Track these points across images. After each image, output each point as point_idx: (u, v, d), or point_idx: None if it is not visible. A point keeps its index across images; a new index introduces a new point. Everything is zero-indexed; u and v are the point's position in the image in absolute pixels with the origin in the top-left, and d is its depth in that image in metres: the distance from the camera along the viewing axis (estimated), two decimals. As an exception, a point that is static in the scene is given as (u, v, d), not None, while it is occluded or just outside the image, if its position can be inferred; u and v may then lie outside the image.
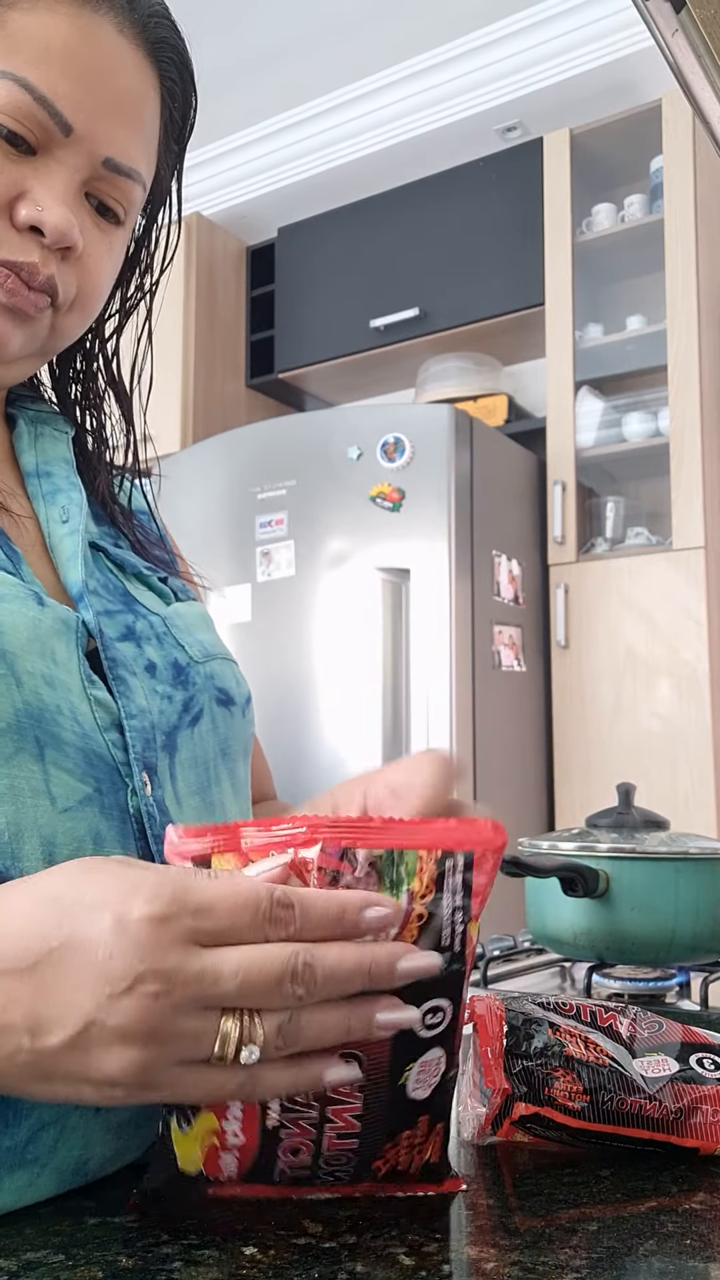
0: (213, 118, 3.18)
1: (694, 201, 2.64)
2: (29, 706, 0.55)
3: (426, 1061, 0.46)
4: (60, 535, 0.66)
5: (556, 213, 2.84)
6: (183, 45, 0.67)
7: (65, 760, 0.56)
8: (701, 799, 2.46)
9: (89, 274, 0.64)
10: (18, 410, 0.72)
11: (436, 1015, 0.45)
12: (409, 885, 0.44)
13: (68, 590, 0.64)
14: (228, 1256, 0.44)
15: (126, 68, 0.62)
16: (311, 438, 2.64)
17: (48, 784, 0.55)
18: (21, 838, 0.53)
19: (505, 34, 2.93)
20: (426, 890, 0.45)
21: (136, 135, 0.64)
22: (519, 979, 1.14)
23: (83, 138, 0.61)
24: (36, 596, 0.59)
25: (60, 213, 0.60)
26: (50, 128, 0.59)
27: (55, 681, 0.57)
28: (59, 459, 0.71)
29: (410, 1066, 0.45)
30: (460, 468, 2.51)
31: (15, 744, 0.54)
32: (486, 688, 2.53)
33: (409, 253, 3.16)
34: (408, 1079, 0.45)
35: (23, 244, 0.60)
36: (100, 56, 0.60)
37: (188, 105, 0.70)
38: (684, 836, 1.05)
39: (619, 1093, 0.56)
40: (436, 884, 0.45)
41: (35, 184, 0.60)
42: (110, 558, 0.71)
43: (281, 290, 3.42)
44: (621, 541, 2.75)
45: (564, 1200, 0.50)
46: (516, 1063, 0.57)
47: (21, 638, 0.56)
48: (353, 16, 2.87)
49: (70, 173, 0.61)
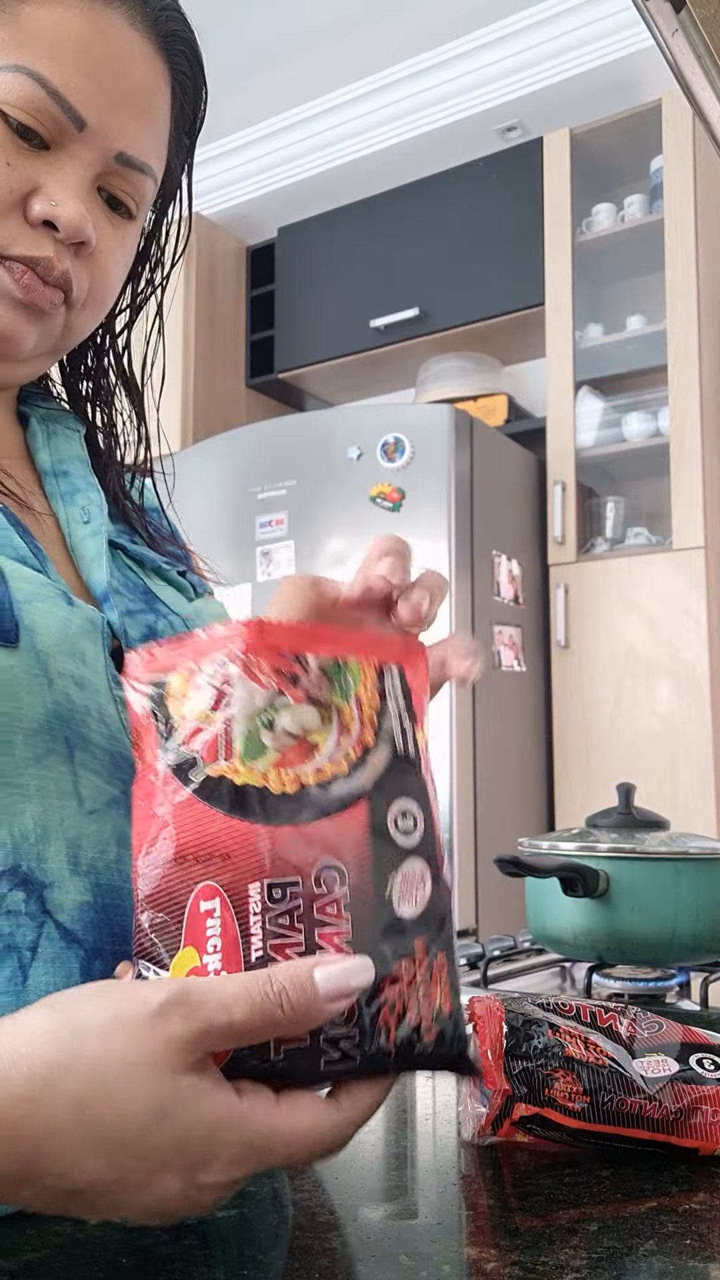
0: (213, 117, 3.16)
1: (694, 201, 2.64)
2: (59, 707, 0.55)
3: (408, 873, 0.44)
4: (82, 536, 0.66)
5: (556, 213, 2.83)
6: (193, 39, 0.67)
7: (94, 762, 0.56)
8: (701, 799, 2.46)
9: (101, 270, 0.64)
10: (29, 408, 0.71)
11: (407, 819, 0.45)
12: (356, 691, 0.45)
13: (91, 590, 0.64)
14: (228, 1256, 0.44)
15: (139, 61, 0.62)
16: (311, 438, 2.64)
17: (76, 785, 0.55)
18: (48, 839, 0.54)
19: (505, 34, 2.93)
20: (372, 696, 0.45)
21: (149, 129, 0.64)
22: (519, 979, 1.14)
23: (96, 132, 0.60)
24: (65, 596, 0.58)
25: (75, 208, 0.60)
26: (63, 122, 0.59)
27: (84, 682, 0.57)
28: (74, 458, 0.70)
29: (392, 876, 0.44)
30: (460, 468, 2.51)
31: (46, 745, 0.54)
32: (486, 688, 2.53)
33: (409, 253, 3.16)
34: (392, 891, 0.43)
35: (37, 239, 0.60)
36: (113, 50, 0.60)
37: (199, 99, 0.70)
38: (684, 836, 1.05)
39: (619, 1093, 0.56)
40: (380, 691, 0.45)
41: (48, 179, 0.60)
42: (129, 554, 0.70)
43: (281, 290, 3.42)
44: (621, 541, 2.75)
45: (564, 1200, 0.50)
46: (516, 1064, 0.57)
47: (53, 637, 0.56)
48: (353, 16, 2.87)
49: (83, 167, 0.61)
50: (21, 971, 0.52)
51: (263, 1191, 0.52)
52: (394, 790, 0.44)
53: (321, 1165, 0.56)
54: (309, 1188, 0.52)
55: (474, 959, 1.15)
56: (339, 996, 0.40)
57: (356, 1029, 0.42)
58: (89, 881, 0.55)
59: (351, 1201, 0.50)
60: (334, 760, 0.44)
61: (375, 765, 0.44)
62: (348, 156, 3.28)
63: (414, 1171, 0.56)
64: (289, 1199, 0.51)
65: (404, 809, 0.45)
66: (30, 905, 0.52)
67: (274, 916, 0.41)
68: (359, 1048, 0.42)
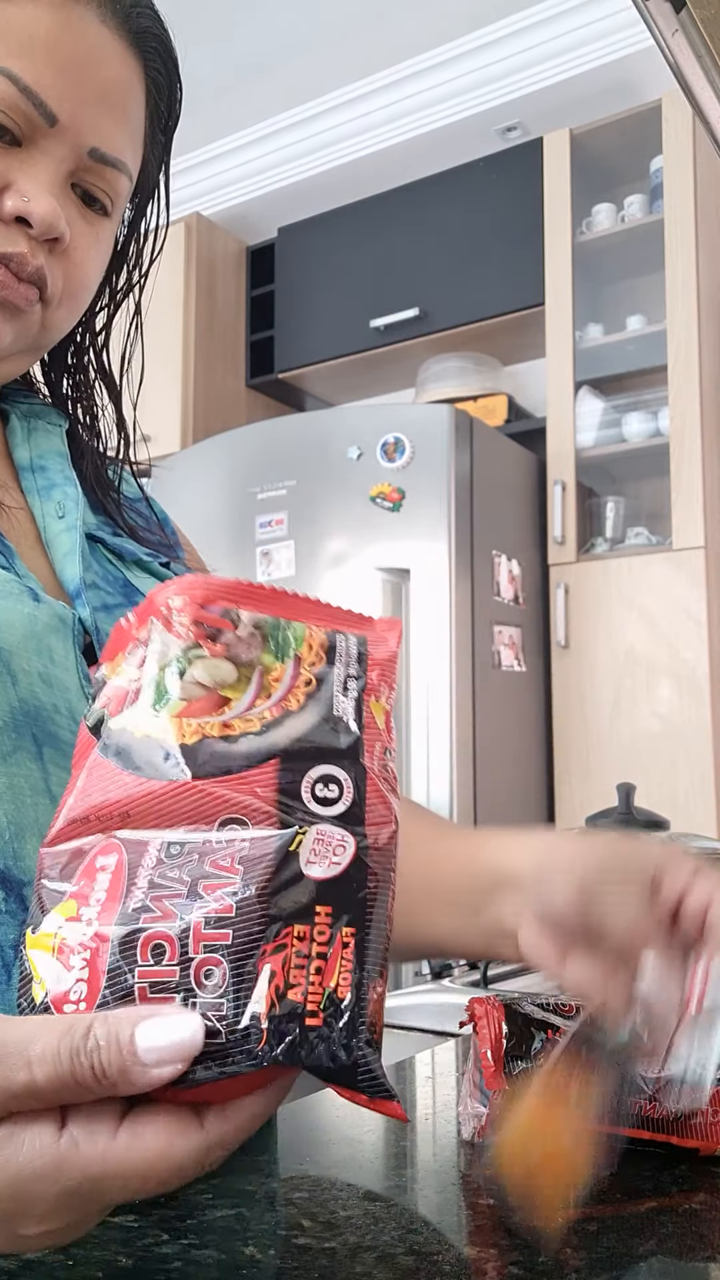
0: (213, 118, 3.19)
1: (694, 201, 2.64)
2: (25, 704, 0.55)
3: (324, 834, 0.39)
4: (56, 531, 0.66)
5: (556, 213, 2.83)
6: (166, 36, 0.67)
7: (63, 759, 0.56)
8: (701, 799, 2.46)
9: (76, 266, 0.64)
10: (10, 404, 0.71)
11: (330, 788, 0.40)
12: (296, 650, 0.42)
13: (64, 586, 0.64)
14: (227, 1257, 0.43)
15: (110, 58, 0.62)
16: (311, 438, 2.64)
17: (47, 782, 0.55)
18: (23, 836, 0.53)
19: (505, 34, 2.93)
20: (316, 659, 0.42)
21: (122, 126, 0.64)
22: (519, 979, 1.14)
23: (67, 128, 0.60)
24: (31, 593, 0.58)
25: (47, 203, 0.60)
26: (35, 119, 0.59)
27: (52, 680, 0.57)
28: (53, 453, 0.70)
29: (303, 834, 0.39)
30: (460, 468, 2.51)
31: (13, 742, 0.54)
32: (486, 688, 2.53)
33: (409, 253, 3.16)
34: (301, 845, 0.39)
35: (9, 235, 0.60)
36: (84, 47, 0.60)
37: (173, 96, 0.70)
38: (684, 836, 1.05)
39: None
40: (327, 655, 0.43)
41: (20, 175, 0.60)
42: (109, 547, 0.70)
43: (281, 290, 3.42)
44: (621, 541, 2.75)
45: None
46: (516, 1064, 0.57)
47: (17, 634, 0.56)
48: (353, 16, 2.87)
49: (55, 163, 0.61)
50: (4, 969, 0.52)
51: (261, 1192, 0.52)
52: (315, 756, 0.41)
53: (322, 1165, 0.56)
54: (308, 1187, 0.52)
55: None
56: (165, 1061, 0.34)
57: (225, 995, 0.35)
58: None
59: (351, 1201, 0.50)
60: (245, 718, 0.41)
61: (294, 728, 0.41)
62: (347, 156, 3.28)
63: (414, 1171, 0.56)
64: (289, 1199, 0.51)
65: (326, 775, 0.41)
66: (10, 904, 0.52)
67: (165, 870, 0.38)
68: (223, 1019, 0.35)
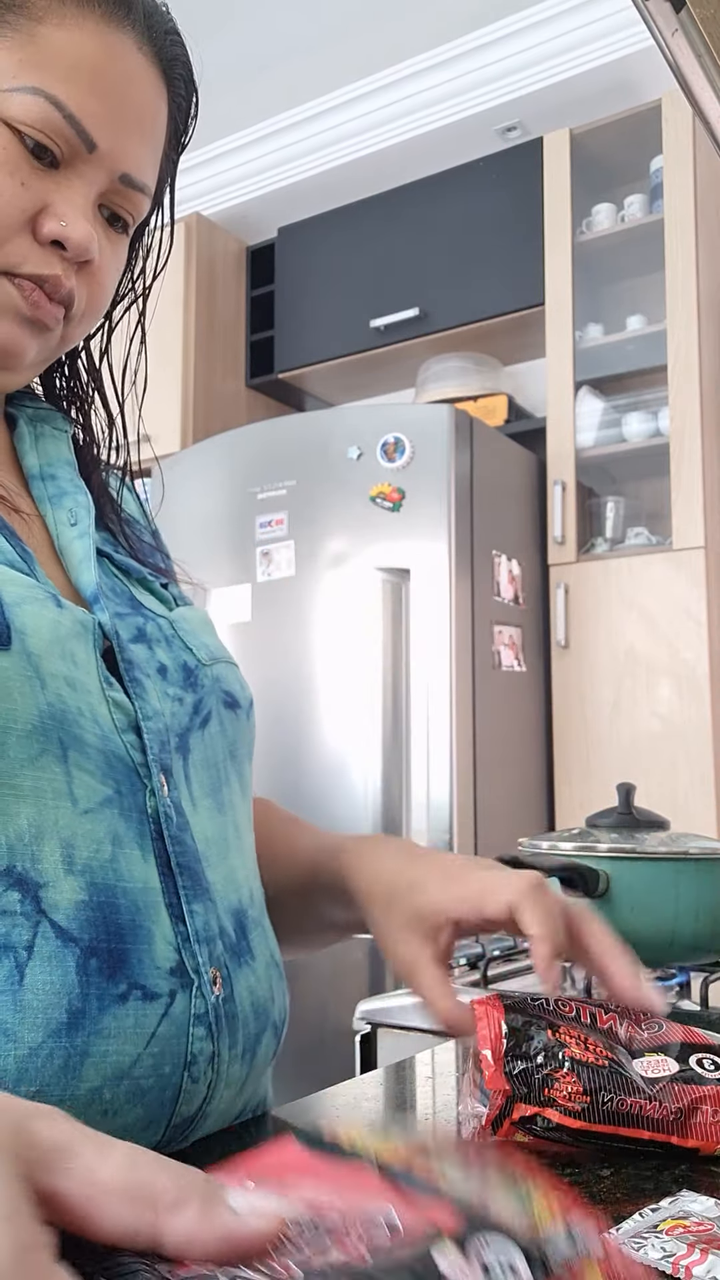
0: (213, 118, 3.18)
1: (694, 201, 2.64)
2: (52, 708, 0.56)
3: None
4: (70, 538, 0.67)
5: (556, 213, 2.83)
6: (190, 62, 0.69)
7: (87, 762, 0.57)
8: (701, 799, 2.46)
9: (99, 284, 0.66)
10: (17, 410, 0.72)
11: None
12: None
13: (80, 592, 0.65)
14: (228, 1257, 0.43)
15: (145, 85, 0.64)
16: (311, 438, 2.64)
17: (70, 785, 0.56)
18: (42, 839, 0.54)
19: (505, 34, 2.93)
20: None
21: (150, 150, 0.66)
22: (519, 979, 1.14)
23: (104, 154, 0.62)
24: (54, 598, 0.59)
25: (84, 228, 0.62)
26: (76, 144, 0.61)
27: (76, 683, 0.58)
28: (61, 461, 0.71)
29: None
30: (460, 468, 2.51)
31: (40, 745, 0.55)
32: (486, 688, 2.53)
33: (409, 253, 3.16)
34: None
35: (45, 258, 0.62)
36: (123, 74, 0.62)
37: (189, 118, 0.72)
38: (684, 836, 1.05)
39: (619, 1093, 0.56)
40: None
41: (57, 197, 0.61)
42: (114, 563, 0.72)
43: (281, 290, 3.42)
44: (621, 541, 2.75)
45: (564, 1200, 0.50)
46: (516, 1064, 0.57)
47: (44, 639, 0.56)
48: (352, 17, 2.87)
49: (89, 186, 0.63)
50: (18, 971, 0.52)
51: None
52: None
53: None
54: (309, 1188, 0.52)
55: (474, 959, 1.15)
56: (249, 1214, 0.32)
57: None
58: (84, 881, 0.55)
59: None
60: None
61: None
62: (348, 156, 3.28)
63: (414, 1172, 0.56)
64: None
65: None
66: (26, 905, 0.53)
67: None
68: None
